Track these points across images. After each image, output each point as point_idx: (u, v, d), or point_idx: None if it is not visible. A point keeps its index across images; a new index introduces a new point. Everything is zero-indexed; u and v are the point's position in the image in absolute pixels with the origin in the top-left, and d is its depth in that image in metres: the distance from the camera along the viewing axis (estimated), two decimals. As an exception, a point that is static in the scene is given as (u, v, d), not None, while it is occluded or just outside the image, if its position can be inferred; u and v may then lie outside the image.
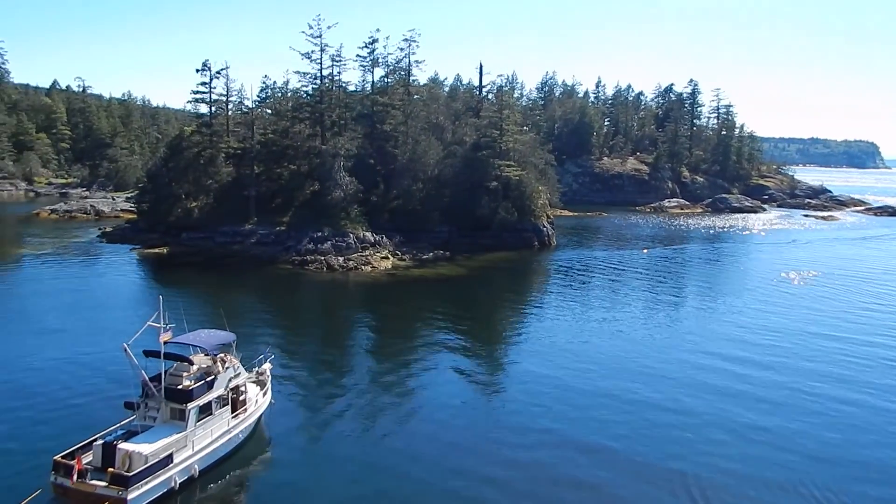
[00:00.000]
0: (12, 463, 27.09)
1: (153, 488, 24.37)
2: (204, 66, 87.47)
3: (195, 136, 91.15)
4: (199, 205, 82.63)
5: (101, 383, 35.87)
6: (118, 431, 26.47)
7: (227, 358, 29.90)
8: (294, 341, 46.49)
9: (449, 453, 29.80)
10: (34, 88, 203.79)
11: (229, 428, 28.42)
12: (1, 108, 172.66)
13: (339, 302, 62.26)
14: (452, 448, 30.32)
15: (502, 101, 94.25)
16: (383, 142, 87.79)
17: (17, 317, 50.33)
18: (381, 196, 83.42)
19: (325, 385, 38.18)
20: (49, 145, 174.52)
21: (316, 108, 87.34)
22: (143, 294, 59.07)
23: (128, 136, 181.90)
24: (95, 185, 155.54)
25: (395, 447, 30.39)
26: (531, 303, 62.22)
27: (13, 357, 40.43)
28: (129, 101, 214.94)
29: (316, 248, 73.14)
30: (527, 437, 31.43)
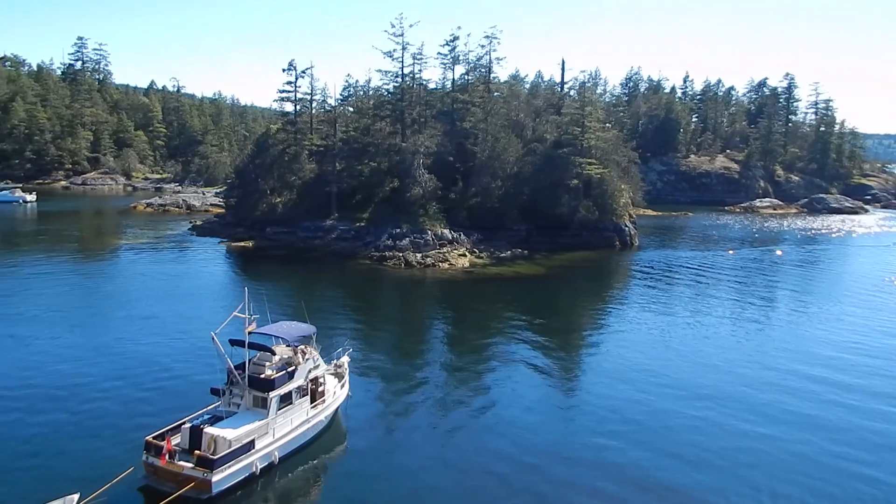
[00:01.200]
0: (108, 441, 28.53)
1: (236, 472, 25.10)
2: (290, 65, 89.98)
3: (280, 134, 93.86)
4: (283, 200, 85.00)
5: (188, 369, 37.33)
6: (204, 416, 27.49)
7: (307, 349, 30.47)
8: (371, 335, 47.01)
9: (521, 450, 29.42)
10: (133, 88, 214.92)
11: (308, 418, 28.94)
12: (104, 107, 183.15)
13: (417, 298, 62.61)
14: (524, 445, 29.93)
15: (584, 98, 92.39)
16: (463, 139, 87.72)
17: (115, 302, 53.17)
18: (459, 193, 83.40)
19: (401, 379, 38.38)
20: (146, 142, 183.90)
21: (397, 106, 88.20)
22: (229, 285, 61.28)
23: (218, 134, 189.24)
24: (187, 181, 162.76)
25: (468, 442, 30.29)
26: (611, 303, 60.70)
27: (111, 341, 42.76)
28: (220, 101, 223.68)
29: (394, 245, 73.85)
30: (598, 439, 30.68)
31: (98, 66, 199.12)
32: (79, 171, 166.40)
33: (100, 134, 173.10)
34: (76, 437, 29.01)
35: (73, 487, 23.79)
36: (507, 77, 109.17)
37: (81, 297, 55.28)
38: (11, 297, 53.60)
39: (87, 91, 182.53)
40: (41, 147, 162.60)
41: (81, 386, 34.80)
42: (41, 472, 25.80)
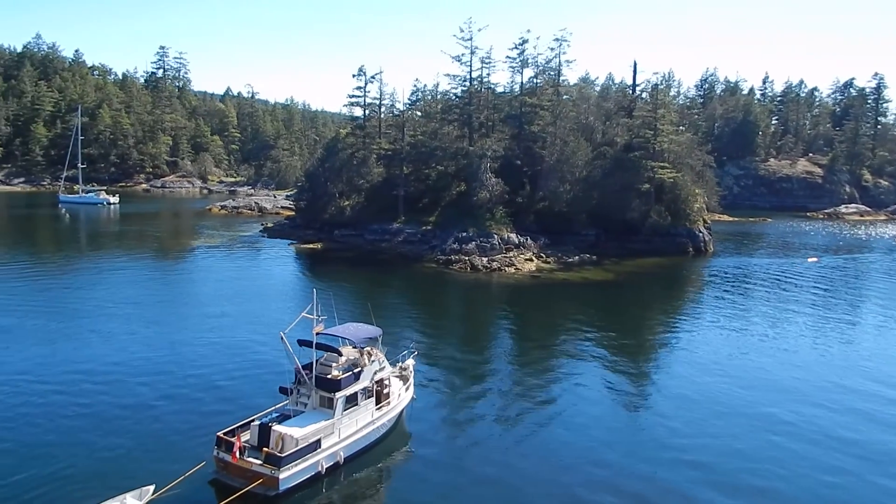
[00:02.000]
0: (181, 435, 29.18)
1: (302, 470, 25.20)
2: (360, 71, 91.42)
3: (349, 138, 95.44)
4: (351, 203, 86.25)
5: (257, 367, 37.91)
6: (273, 414, 27.75)
7: (373, 351, 30.33)
8: (437, 339, 46.78)
9: (585, 463, 28.54)
10: (210, 95, 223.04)
11: (373, 419, 28.85)
12: (182, 113, 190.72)
13: (482, 302, 62.15)
14: (589, 458, 29.00)
15: (657, 100, 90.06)
16: (531, 143, 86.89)
17: (189, 301, 54.87)
18: (526, 197, 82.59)
19: (465, 384, 37.94)
20: (221, 147, 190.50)
21: (464, 110, 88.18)
22: (298, 286, 62.33)
23: (289, 139, 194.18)
24: (259, 184, 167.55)
25: (532, 451, 29.59)
26: (684, 312, 58.63)
27: (185, 338, 43.99)
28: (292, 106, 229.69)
29: (460, 248, 73.63)
30: (666, 454, 29.38)
31: (178, 74, 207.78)
32: (158, 174, 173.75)
33: (178, 139, 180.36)
34: (152, 430, 29.79)
35: (148, 479, 24.39)
36: (576, 80, 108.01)
37: (158, 295, 57.23)
38: (95, 293, 56.03)
39: (168, 98, 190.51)
40: (124, 151, 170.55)
41: (157, 381, 35.80)
42: (120, 464, 26.57)
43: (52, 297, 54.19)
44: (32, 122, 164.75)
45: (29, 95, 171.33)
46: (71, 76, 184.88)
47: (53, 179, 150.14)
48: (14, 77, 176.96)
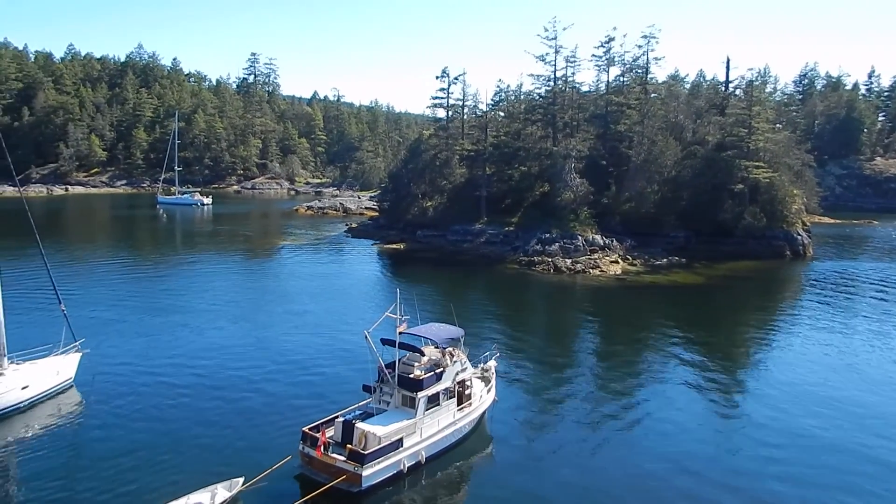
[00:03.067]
0: (268, 429, 29.78)
1: (385, 468, 25.23)
2: (443, 73, 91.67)
3: (433, 140, 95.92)
4: (433, 204, 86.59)
5: (341, 364, 38.36)
6: (356, 411, 28.03)
7: (455, 352, 30.13)
8: (519, 340, 46.03)
9: (670, 471, 27.37)
10: (298, 99, 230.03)
11: (455, 420, 28.61)
12: (272, 117, 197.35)
13: (566, 304, 60.86)
14: (674, 466, 27.78)
15: (752, 97, 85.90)
16: (617, 142, 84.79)
17: (276, 298, 56.21)
18: (612, 198, 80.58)
19: (548, 387, 37.19)
20: (308, 149, 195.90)
21: (548, 110, 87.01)
22: (381, 286, 62.88)
23: (373, 140, 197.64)
24: (344, 185, 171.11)
25: (615, 457, 28.73)
26: (779, 318, 55.39)
27: (271, 334, 45.10)
28: (376, 108, 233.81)
29: (543, 250, 72.57)
30: (756, 466, 27.78)
31: (268, 79, 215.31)
32: (249, 176, 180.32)
33: (268, 142, 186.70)
34: (240, 423, 30.53)
35: (237, 471, 25.02)
36: (665, 77, 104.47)
37: (247, 292, 59.03)
38: (188, 290, 58.42)
39: (258, 102, 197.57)
40: (217, 154, 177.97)
41: (244, 375, 36.78)
42: (210, 455, 27.34)
43: (149, 293, 56.83)
44: (134, 127, 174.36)
45: (131, 102, 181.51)
46: (169, 83, 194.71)
47: (152, 181, 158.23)
48: (118, 85, 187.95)
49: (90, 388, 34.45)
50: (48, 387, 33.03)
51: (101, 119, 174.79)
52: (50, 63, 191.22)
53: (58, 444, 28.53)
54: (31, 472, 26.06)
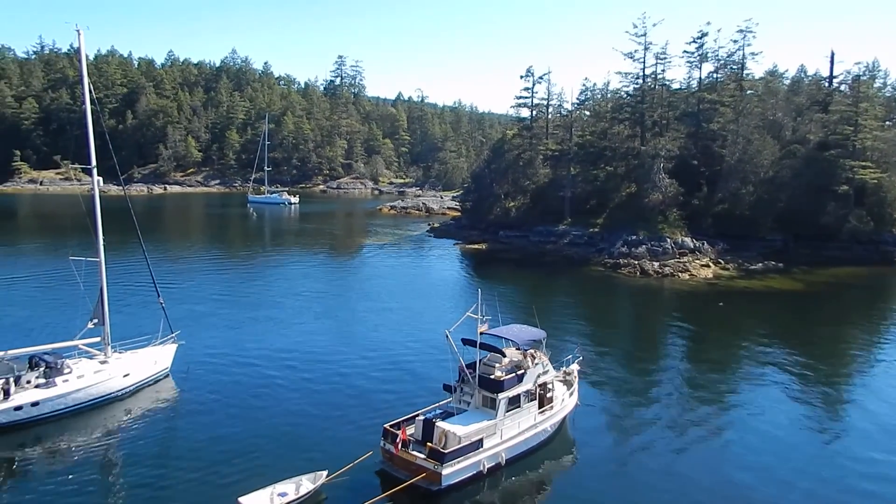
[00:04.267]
0: (349, 425, 30.19)
1: (464, 468, 25.11)
2: (528, 72, 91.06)
3: (516, 139, 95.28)
4: (516, 204, 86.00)
5: (421, 362, 38.51)
6: (436, 410, 28.04)
7: (536, 354, 29.77)
8: (603, 344, 44.89)
9: (758, 482, 26.15)
10: (383, 100, 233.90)
11: (535, 423, 28.24)
12: (357, 118, 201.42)
13: (652, 309, 58.96)
14: (762, 477, 26.50)
15: (859, 93, 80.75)
16: (709, 141, 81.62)
17: (358, 295, 57.08)
18: (703, 199, 77.57)
19: (632, 392, 36.16)
20: (392, 149, 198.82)
21: (636, 109, 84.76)
22: (462, 286, 62.80)
23: (456, 140, 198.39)
24: (427, 185, 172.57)
25: (701, 465, 27.69)
26: (888, 332, 51.67)
27: (356, 331, 45.79)
28: (459, 109, 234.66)
29: (629, 252, 70.77)
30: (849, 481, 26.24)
31: (354, 81, 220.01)
32: (334, 176, 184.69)
33: (353, 142, 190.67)
34: (323, 417, 31.11)
35: (319, 464, 25.45)
36: (762, 73, 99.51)
37: (331, 289, 60.22)
38: (275, 285, 60.24)
39: (344, 104, 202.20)
40: (305, 155, 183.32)
41: (327, 370, 37.48)
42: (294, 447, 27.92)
43: (239, 288, 58.92)
44: (227, 129, 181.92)
45: (225, 105, 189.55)
46: (260, 87, 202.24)
47: (243, 181, 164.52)
48: (213, 89, 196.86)
49: (185, 377, 35.93)
50: (147, 375, 34.64)
51: (197, 121, 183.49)
52: (151, 69, 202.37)
53: (154, 431, 29.86)
54: (128, 456, 27.37)
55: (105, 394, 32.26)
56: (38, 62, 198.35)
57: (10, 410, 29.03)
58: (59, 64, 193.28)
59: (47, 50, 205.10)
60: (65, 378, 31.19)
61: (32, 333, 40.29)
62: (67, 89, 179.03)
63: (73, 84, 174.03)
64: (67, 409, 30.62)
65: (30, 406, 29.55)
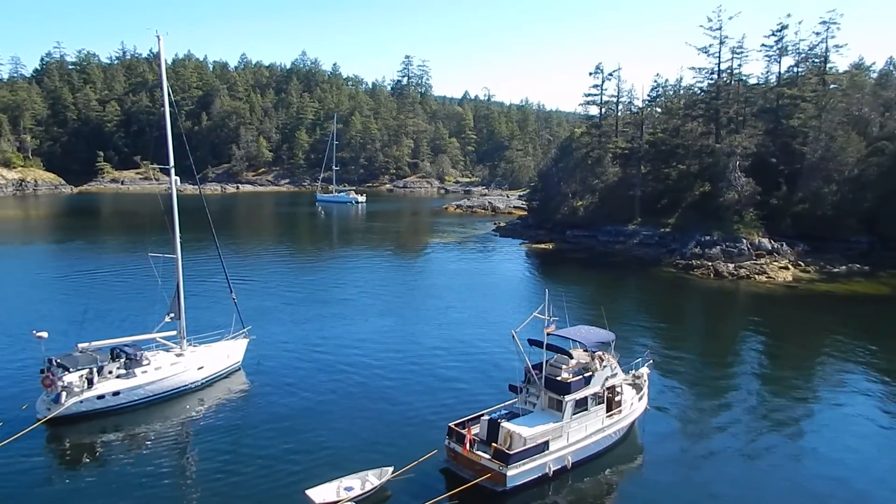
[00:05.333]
0: (415, 422, 30.25)
1: (529, 470, 24.84)
2: (597, 69, 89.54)
3: (584, 138, 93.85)
4: (584, 204, 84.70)
5: (486, 362, 38.27)
6: (502, 411, 27.78)
7: (604, 356, 29.18)
8: (674, 348, 43.51)
9: (835, 493, 25.08)
10: (449, 100, 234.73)
11: (603, 426, 27.71)
12: (424, 117, 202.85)
13: (727, 312, 56.91)
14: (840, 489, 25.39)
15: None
16: (789, 138, 78.25)
17: (424, 293, 57.20)
18: (782, 199, 74.41)
19: (704, 397, 34.98)
20: (458, 148, 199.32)
21: (711, 105, 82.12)
22: (528, 285, 62.20)
23: (523, 139, 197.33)
24: (493, 184, 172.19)
25: (775, 475, 26.52)
26: None
27: (421, 329, 45.84)
28: (526, 107, 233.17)
29: (703, 253, 68.65)
30: None
31: (420, 80, 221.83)
32: (401, 175, 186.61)
33: (419, 142, 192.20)
34: (388, 413, 31.27)
35: (384, 460, 25.65)
36: (847, 66, 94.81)
37: (396, 287, 60.57)
38: (343, 282, 61.15)
39: (411, 104, 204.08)
40: (372, 154, 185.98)
41: (393, 366, 37.69)
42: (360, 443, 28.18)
43: (307, 284, 60.04)
44: (297, 129, 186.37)
45: (294, 106, 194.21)
46: (329, 87, 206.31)
47: (312, 180, 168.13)
48: (283, 90, 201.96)
49: (256, 371, 36.80)
50: (220, 368, 35.64)
51: (268, 122, 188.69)
52: (225, 72, 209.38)
53: (226, 422, 30.66)
54: (201, 446, 28.23)
55: (180, 385, 33.35)
56: (120, 67, 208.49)
57: (94, 399, 30.36)
58: (139, 68, 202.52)
59: (129, 55, 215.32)
60: (143, 369, 32.41)
61: (114, 326, 42.10)
62: (147, 92, 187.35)
63: (152, 87, 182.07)
64: (145, 400, 31.81)
65: (111, 395, 30.84)
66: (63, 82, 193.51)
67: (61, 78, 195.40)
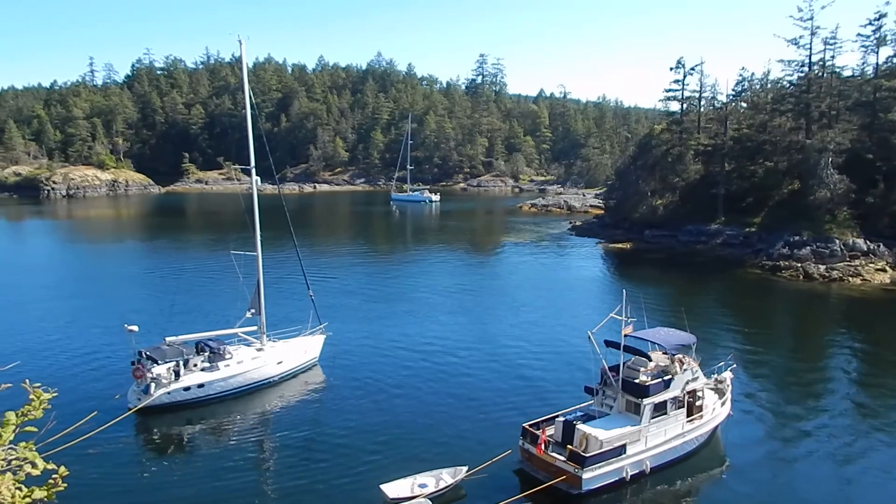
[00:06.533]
0: (489, 422, 30.08)
1: (606, 474, 24.41)
2: (678, 63, 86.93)
3: (664, 135, 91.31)
4: (664, 202, 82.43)
5: (560, 362, 37.76)
6: (577, 412, 27.29)
7: (685, 360, 28.29)
8: (758, 352, 41.67)
9: None
10: (524, 97, 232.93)
11: (683, 431, 26.87)
12: (498, 115, 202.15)
13: (817, 316, 54.12)
14: None
15: None
16: (888, 133, 73.60)
17: (498, 293, 56.88)
18: (880, 197, 70.00)
19: (791, 405, 33.35)
20: (533, 147, 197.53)
21: (801, 99, 78.26)
22: (605, 286, 60.99)
23: (600, 137, 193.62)
24: (569, 183, 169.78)
25: (861, 486, 25.22)
26: None
27: (494, 329, 45.59)
28: (604, 104, 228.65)
29: (791, 254, 65.50)
30: None
31: (495, 79, 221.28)
32: (474, 174, 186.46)
33: (493, 140, 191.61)
34: (461, 412, 31.24)
35: (457, 459, 25.64)
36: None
37: (469, 285, 60.41)
38: (416, 280, 61.63)
39: (485, 102, 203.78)
40: (446, 153, 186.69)
41: (466, 365, 37.64)
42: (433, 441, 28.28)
43: (381, 282, 60.87)
44: (372, 129, 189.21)
45: (370, 106, 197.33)
46: (404, 87, 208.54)
47: (387, 180, 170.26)
48: (359, 91, 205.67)
49: (332, 367, 37.48)
50: (298, 364, 36.51)
51: (344, 123, 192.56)
52: (304, 74, 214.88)
53: (303, 416, 31.39)
54: (279, 438, 28.99)
55: (260, 379, 34.33)
56: (204, 71, 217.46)
57: (180, 390, 31.63)
58: (222, 72, 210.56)
59: (213, 60, 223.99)
60: (226, 363, 33.52)
61: (198, 320, 43.73)
62: (229, 95, 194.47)
63: (234, 90, 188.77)
64: (228, 392, 32.91)
65: (196, 387, 32.06)
66: (152, 87, 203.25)
67: (150, 83, 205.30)
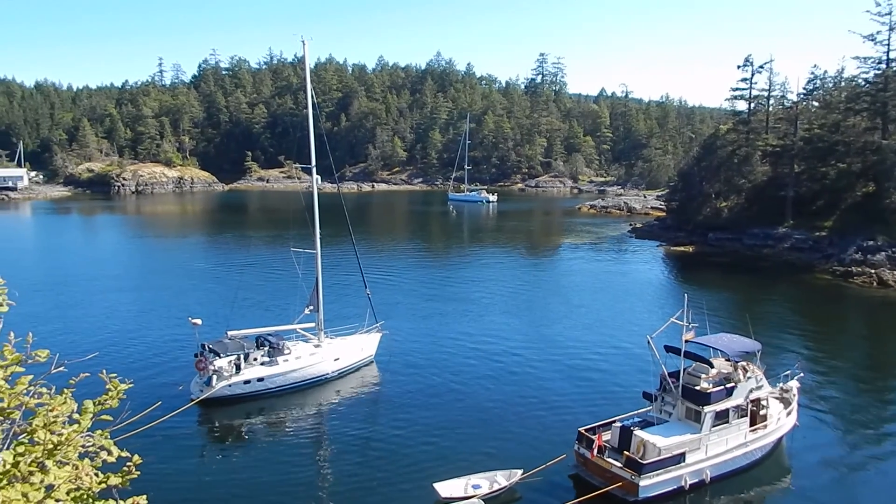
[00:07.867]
0: (544, 425, 29.79)
1: (664, 482, 23.89)
2: (746, 61, 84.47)
3: (730, 135, 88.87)
4: (729, 205, 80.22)
5: (619, 366, 37.06)
6: (635, 418, 26.79)
7: (749, 367, 27.47)
8: (827, 361, 40.03)
9: None
10: (584, 97, 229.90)
11: (745, 441, 26.07)
12: (557, 115, 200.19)
13: (891, 324, 51.62)
14: None
15: None
16: (972, 133, 69.78)
17: (556, 295, 56.20)
18: (964, 201, 66.46)
19: (859, 415, 32.00)
20: (593, 147, 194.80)
21: (877, 98, 74.86)
22: (666, 290, 59.61)
23: (662, 137, 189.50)
24: (629, 184, 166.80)
25: None
26: None
27: (552, 331, 45.12)
28: (667, 103, 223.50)
29: (864, 259, 62.73)
30: None
31: (555, 78, 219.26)
32: (533, 174, 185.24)
33: (552, 140, 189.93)
34: (516, 414, 31.01)
35: (510, 461, 25.45)
36: None
37: (526, 286, 60.04)
38: (472, 280, 61.58)
39: (545, 102, 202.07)
40: (504, 153, 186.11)
41: (522, 366, 37.36)
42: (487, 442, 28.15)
43: (437, 282, 61.00)
44: (430, 129, 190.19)
45: (429, 106, 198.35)
46: (462, 87, 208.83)
47: (444, 179, 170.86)
48: (418, 91, 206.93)
49: (387, 365, 37.77)
50: (354, 361, 36.97)
51: (403, 122, 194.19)
52: (363, 74, 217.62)
53: (359, 412, 31.78)
54: (335, 433, 29.44)
55: (317, 375, 34.90)
56: (267, 71, 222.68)
57: (241, 383, 32.44)
58: (284, 72, 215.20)
59: (275, 60, 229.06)
60: (285, 358, 34.21)
61: (258, 315, 44.80)
62: (291, 95, 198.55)
63: (296, 90, 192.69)
64: (286, 387, 33.58)
65: (256, 381, 32.84)
66: (217, 87, 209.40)
67: (215, 83, 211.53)
